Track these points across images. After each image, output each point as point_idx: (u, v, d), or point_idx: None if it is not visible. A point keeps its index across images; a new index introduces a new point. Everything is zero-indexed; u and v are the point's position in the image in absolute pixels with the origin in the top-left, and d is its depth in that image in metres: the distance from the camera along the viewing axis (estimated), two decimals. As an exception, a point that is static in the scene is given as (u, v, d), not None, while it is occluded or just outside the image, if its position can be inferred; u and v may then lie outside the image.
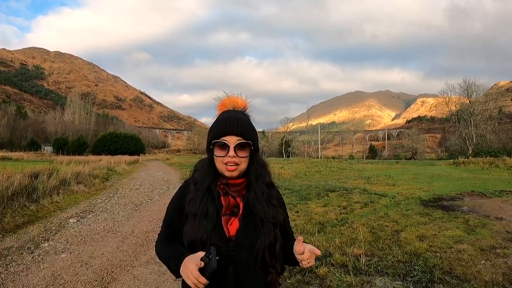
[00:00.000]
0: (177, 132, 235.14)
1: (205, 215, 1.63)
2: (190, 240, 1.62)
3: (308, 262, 1.59)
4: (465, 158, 43.38)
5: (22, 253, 6.16)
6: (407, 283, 4.69)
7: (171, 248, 1.70)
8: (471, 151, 62.22)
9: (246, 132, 1.67)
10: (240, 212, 1.68)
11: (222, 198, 1.69)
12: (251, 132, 1.70)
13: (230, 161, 1.64)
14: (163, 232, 1.81)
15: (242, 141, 1.65)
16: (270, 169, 1.86)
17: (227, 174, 1.66)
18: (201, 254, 1.49)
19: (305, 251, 1.57)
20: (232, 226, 1.65)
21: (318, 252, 1.57)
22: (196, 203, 1.66)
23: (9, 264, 5.57)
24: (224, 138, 1.64)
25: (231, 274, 1.61)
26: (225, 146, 1.64)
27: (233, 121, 1.66)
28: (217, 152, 1.66)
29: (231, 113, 1.72)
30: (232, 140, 1.64)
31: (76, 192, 13.23)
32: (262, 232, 1.66)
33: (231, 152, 1.63)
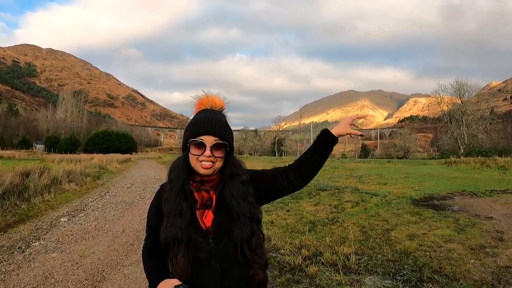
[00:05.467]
0: (169, 131, 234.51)
1: (179, 213, 1.67)
2: (165, 238, 1.66)
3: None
4: (456, 157, 43.65)
5: (13, 252, 6.15)
6: (396, 282, 4.73)
7: (152, 266, 1.78)
8: (462, 150, 62.61)
9: (223, 133, 1.71)
10: (214, 204, 1.72)
11: (195, 194, 1.72)
12: (227, 133, 1.75)
13: (206, 160, 1.67)
14: (147, 239, 1.87)
15: (219, 141, 1.69)
16: (245, 167, 1.88)
17: (201, 171, 1.69)
18: (175, 282, 1.57)
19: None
20: (207, 218, 1.69)
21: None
22: (171, 202, 1.69)
23: (0, 264, 5.55)
24: (201, 137, 1.67)
25: (215, 266, 1.65)
26: (201, 145, 1.67)
27: (211, 121, 1.70)
28: (193, 151, 1.69)
29: (209, 113, 1.75)
30: (209, 140, 1.67)
31: (68, 191, 13.17)
32: (239, 223, 1.69)
33: (207, 152, 1.66)
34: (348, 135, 1.99)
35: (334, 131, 1.91)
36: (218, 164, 1.71)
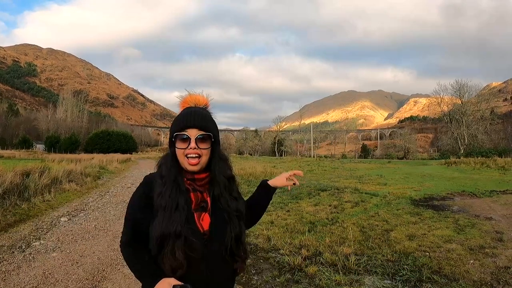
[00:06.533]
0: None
1: (176, 208, 1.66)
2: (161, 233, 1.62)
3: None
4: (456, 158, 43.73)
5: (13, 252, 6.15)
6: (395, 282, 4.74)
7: (141, 262, 1.73)
8: (462, 151, 62.70)
9: (206, 124, 1.73)
10: (209, 207, 1.74)
11: (191, 194, 1.73)
12: (211, 124, 1.77)
13: (192, 153, 1.68)
14: (128, 234, 1.79)
15: (203, 133, 1.71)
16: (231, 162, 1.92)
17: (189, 168, 1.71)
18: (174, 281, 1.55)
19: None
20: (204, 222, 1.70)
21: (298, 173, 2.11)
22: (166, 196, 1.67)
23: (0, 263, 5.55)
24: (185, 131, 1.70)
25: (205, 266, 1.67)
26: (186, 139, 1.69)
27: (194, 115, 1.73)
28: (179, 145, 1.71)
29: (192, 108, 1.79)
30: (193, 133, 1.69)
31: (68, 190, 13.17)
32: (230, 225, 1.74)
33: (192, 144, 1.68)
34: (285, 186, 2.11)
35: (271, 182, 2.09)
36: (204, 158, 1.73)
